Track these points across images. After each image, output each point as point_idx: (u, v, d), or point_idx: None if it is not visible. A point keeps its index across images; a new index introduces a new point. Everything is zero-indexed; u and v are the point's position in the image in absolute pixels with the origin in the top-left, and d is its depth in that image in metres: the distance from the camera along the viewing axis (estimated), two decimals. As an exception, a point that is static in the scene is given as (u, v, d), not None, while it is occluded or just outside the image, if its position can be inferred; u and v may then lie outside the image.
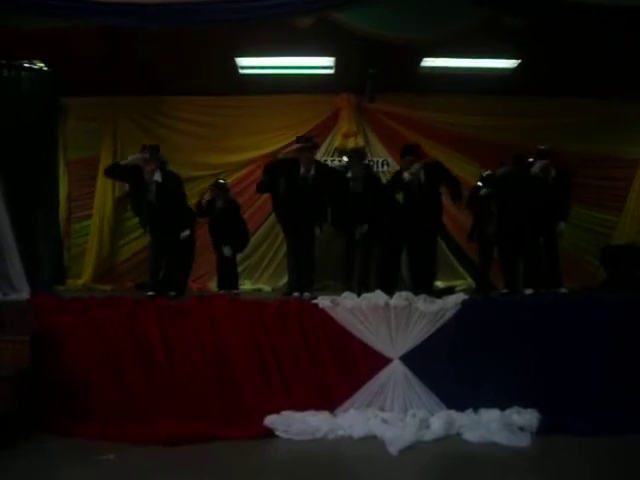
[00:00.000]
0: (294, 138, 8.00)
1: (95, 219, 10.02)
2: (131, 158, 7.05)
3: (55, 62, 7.69)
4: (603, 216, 10.12)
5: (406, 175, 7.13)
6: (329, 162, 8.92)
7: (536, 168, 7.28)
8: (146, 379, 5.30)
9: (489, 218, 7.93)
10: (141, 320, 5.44)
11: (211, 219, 8.24)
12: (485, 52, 8.54)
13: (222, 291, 8.03)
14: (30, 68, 7.70)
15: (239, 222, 8.35)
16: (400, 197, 7.52)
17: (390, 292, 5.77)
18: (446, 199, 7.61)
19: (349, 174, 7.33)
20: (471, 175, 9.17)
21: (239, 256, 8.68)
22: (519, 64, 8.89)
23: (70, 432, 4.88)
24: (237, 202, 8.58)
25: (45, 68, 7.86)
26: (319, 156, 9.15)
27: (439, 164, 7.48)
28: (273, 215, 8.33)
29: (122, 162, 7.32)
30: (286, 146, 8.41)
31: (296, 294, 6.84)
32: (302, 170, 7.03)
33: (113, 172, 7.48)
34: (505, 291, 7.41)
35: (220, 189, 8.20)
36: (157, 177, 6.95)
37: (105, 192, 9.99)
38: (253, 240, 9.61)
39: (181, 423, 4.94)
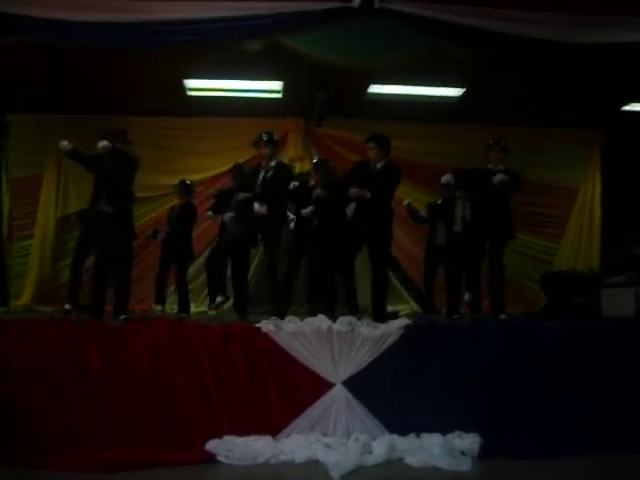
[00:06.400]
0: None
1: (36, 239, 9.86)
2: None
3: (-1, 78, 7.57)
4: (544, 243, 10.45)
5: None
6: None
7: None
8: (86, 403, 5.13)
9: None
10: (81, 343, 5.28)
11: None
12: (432, 80, 8.72)
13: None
14: (-28, 84, 7.56)
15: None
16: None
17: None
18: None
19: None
20: (418, 202, 9.30)
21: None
22: (464, 92, 9.09)
23: (7, 460, 4.71)
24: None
25: (-12, 84, 7.72)
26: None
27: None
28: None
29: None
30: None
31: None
32: (263, 162, 6.86)
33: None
34: (456, 316, 7.46)
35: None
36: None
37: (47, 212, 9.86)
38: (199, 262, 9.56)
39: (122, 449, 4.79)
